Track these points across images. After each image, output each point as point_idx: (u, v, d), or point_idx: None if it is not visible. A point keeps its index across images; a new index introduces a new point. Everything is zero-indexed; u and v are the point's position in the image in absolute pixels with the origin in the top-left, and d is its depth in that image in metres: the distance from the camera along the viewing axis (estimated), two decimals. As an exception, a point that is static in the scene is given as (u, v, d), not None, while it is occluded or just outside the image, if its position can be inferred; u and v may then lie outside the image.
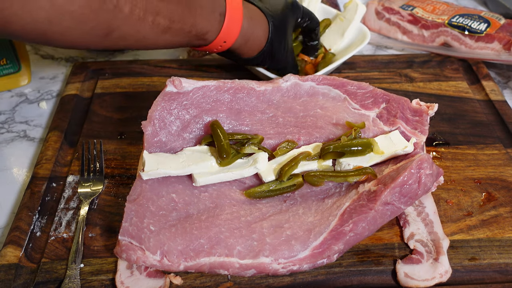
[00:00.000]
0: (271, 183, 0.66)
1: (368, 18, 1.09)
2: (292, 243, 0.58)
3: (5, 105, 0.91)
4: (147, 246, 0.58)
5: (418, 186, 0.60)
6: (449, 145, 0.79)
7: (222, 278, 0.60)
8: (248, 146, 0.67)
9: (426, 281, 0.59)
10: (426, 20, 1.01)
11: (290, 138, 0.71)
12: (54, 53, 1.04)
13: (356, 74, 0.94)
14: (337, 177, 0.66)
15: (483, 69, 0.94)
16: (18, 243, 0.63)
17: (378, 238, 0.65)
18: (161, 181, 0.65)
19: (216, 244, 0.58)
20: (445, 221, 0.67)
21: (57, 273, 0.61)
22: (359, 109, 0.74)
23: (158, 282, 0.59)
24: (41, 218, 0.68)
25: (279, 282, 0.60)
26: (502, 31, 0.95)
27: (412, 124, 0.71)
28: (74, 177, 0.73)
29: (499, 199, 0.70)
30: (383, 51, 1.05)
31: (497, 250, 0.63)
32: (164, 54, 1.03)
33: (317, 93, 0.75)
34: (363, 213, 0.59)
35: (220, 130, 0.67)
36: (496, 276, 0.61)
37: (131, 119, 0.83)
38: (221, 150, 0.65)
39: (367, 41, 0.89)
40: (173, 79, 0.69)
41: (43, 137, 0.84)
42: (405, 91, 0.89)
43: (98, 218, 0.67)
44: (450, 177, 0.73)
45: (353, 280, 0.61)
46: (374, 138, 0.68)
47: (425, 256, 0.61)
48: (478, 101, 0.87)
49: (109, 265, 0.62)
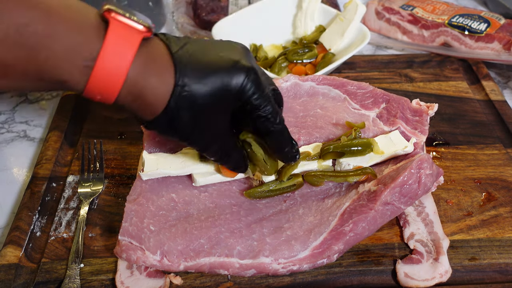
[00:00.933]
0: (271, 183, 0.66)
1: (368, 18, 1.09)
2: (292, 243, 0.58)
3: (5, 105, 0.91)
4: (147, 246, 0.58)
5: (418, 186, 0.60)
6: (449, 145, 0.79)
7: (222, 278, 0.60)
8: None
9: (426, 281, 0.59)
10: (426, 20, 1.01)
11: (290, 138, 0.71)
12: (54, 53, 1.04)
13: (356, 74, 0.94)
14: (337, 177, 0.66)
15: (483, 69, 0.94)
16: (18, 243, 0.63)
17: (378, 238, 0.65)
18: (161, 181, 0.65)
19: (216, 244, 0.59)
20: (445, 221, 0.67)
21: (57, 273, 0.61)
22: (359, 109, 0.74)
23: (158, 282, 0.59)
24: (41, 218, 0.68)
25: (279, 282, 0.60)
26: (502, 31, 0.95)
27: (412, 124, 0.71)
28: (74, 177, 0.73)
29: (499, 199, 0.70)
30: (383, 51, 1.05)
31: (497, 250, 0.63)
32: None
33: (317, 93, 0.75)
34: (363, 213, 0.59)
35: None
36: (496, 276, 0.61)
37: (131, 119, 0.83)
38: None
39: (367, 41, 0.89)
40: (173, 79, 0.69)
41: (43, 137, 0.84)
42: (405, 91, 0.89)
43: (98, 218, 0.67)
44: (450, 177, 0.73)
45: (353, 280, 0.61)
46: (374, 138, 0.68)
47: (425, 256, 0.61)
48: (478, 101, 0.87)
49: (109, 265, 0.62)
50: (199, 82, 0.50)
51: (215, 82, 0.50)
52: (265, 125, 0.55)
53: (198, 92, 0.50)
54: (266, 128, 0.55)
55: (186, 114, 0.50)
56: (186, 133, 0.53)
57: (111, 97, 0.48)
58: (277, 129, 0.55)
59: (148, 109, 0.50)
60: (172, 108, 0.50)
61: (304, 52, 0.92)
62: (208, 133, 0.54)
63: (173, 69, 0.49)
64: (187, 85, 0.49)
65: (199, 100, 0.50)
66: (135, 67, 0.47)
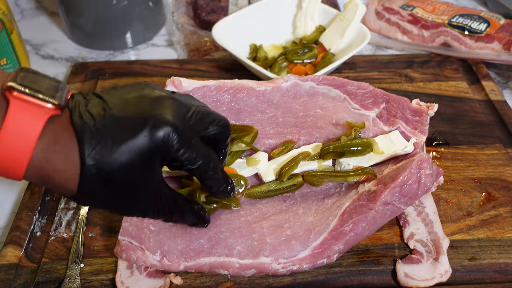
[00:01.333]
0: (271, 183, 0.66)
1: (368, 18, 1.09)
2: (292, 243, 0.58)
3: (5, 105, 0.91)
4: (147, 246, 0.58)
5: (418, 186, 0.60)
6: (449, 145, 0.79)
7: (222, 278, 0.60)
8: (236, 144, 0.67)
9: (426, 281, 0.59)
10: (426, 20, 1.01)
11: (290, 138, 0.71)
12: (54, 53, 1.04)
13: (356, 74, 0.94)
14: (337, 177, 0.66)
15: (483, 69, 0.94)
16: (18, 243, 0.63)
17: (378, 238, 0.65)
18: (161, 181, 0.65)
19: (216, 244, 0.59)
20: (445, 221, 0.67)
21: (57, 273, 0.61)
22: (359, 109, 0.74)
23: (158, 282, 0.59)
24: (41, 218, 0.68)
25: (279, 282, 0.60)
26: (502, 31, 0.95)
27: (412, 124, 0.71)
28: (74, 177, 0.73)
29: (499, 199, 0.70)
30: (383, 51, 1.05)
31: (497, 250, 0.63)
32: (164, 54, 1.03)
33: (317, 93, 0.75)
34: (363, 213, 0.59)
35: None
36: (496, 276, 0.61)
37: (131, 119, 0.83)
38: None
39: (367, 41, 0.89)
40: (173, 79, 0.70)
41: (43, 137, 0.83)
42: (405, 91, 0.89)
43: (98, 218, 0.67)
44: (450, 177, 0.73)
45: (353, 280, 0.61)
46: (374, 138, 0.68)
47: (425, 256, 0.61)
48: (478, 101, 0.87)
49: (109, 265, 0.62)
50: (111, 153, 0.43)
51: (130, 149, 0.44)
52: (198, 174, 0.52)
53: (112, 165, 0.44)
54: (200, 177, 0.53)
55: (104, 191, 0.45)
56: (116, 207, 0.49)
57: (17, 178, 0.44)
58: (210, 176, 0.53)
59: (61, 191, 0.45)
60: (85, 188, 0.44)
61: (304, 52, 0.92)
62: (139, 200, 0.49)
63: (77, 147, 0.43)
64: (96, 160, 0.43)
65: (116, 173, 0.44)
66: (38, 151, 0.42)
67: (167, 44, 1.07)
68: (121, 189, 0.46)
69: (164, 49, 1.05)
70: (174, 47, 1.05)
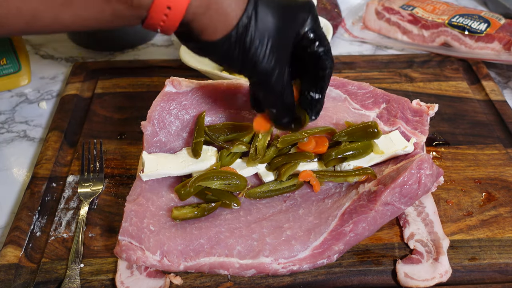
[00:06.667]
0: (271, 183, 0.66)
1: (368, 18, 1.09)
2: (292, 243, 0.58)
3: (5, 105, 0.91)
4: (147, 246, 0.58)
5: (418, 187, 0.60)
6: (449, 145, 0.79)
7: (222, 278, 0.60)
8: (236, 146, 0.67)
9: (426, 281, 0.59)
10: (426, 20, 1.01)
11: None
12: (54, 53, 1.04)
13: (356, 74, 0.94)
14: (337, 177, 0.65)
15: (483, 69, 0.94)
16: (18, 243, 0.63)
17: (378, 238, 0.65)
18: (161, 181, 0.65)
19: (216, 244, 0.58)
20: (445, 221, 0.67)
21: (57, 273, 0.61)
22: (360, 109, 0.74)
23: (158, 282, 0.59)
24: (41, 218, 0.68)
25: (279, 282, 0.60)
26: (502, 31, 0.95)
27: (412, 124, 0.71)
28: (74, 177, 0.73)
29: (499, 199, 0.70)
30: (383, 51, 1.05)
31: (497, 250, 0.63)
32: (164, 54, 1.03)
33: (317, 93, 0.75)
34: (363, 213, 0.59)
35: (198, 126, 0.67)
36: (496, 276, 0.61)
37: (131, 119, 0.83)
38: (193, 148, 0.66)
39: (329, 36, 0.88)
40: (172, 79, 0.70)
41: (43, 137, 0.83)
42: (405, 91, 0.89)
43: (98, 218, 0.67)
44: (450, 177, 0.73)
45: (353, 280, 0.61)
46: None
47: (425, 256, 0.61)
48: (478, 101, 0.87)
49: (109, 265, 0.62)
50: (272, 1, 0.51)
51: (285, 8, 0.52)
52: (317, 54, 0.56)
53: (270, 11, 0.51)
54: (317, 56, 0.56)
55: (256, 31, 0.50)
56: (253, 55, 0.51)
57: (181, 8, 0.46)
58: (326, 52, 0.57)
59: (220, 23, 0.49)
60: (243, 24, 0.49)
61: None
62: (274, 57, 0.52)
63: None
64: (260, 2, 0.50)
65: (269, 20, 0.50)
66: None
67: (167, 44, 1.07)
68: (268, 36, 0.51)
69: (164, 49, 1.06)
70: (174, 47, 1.05)
